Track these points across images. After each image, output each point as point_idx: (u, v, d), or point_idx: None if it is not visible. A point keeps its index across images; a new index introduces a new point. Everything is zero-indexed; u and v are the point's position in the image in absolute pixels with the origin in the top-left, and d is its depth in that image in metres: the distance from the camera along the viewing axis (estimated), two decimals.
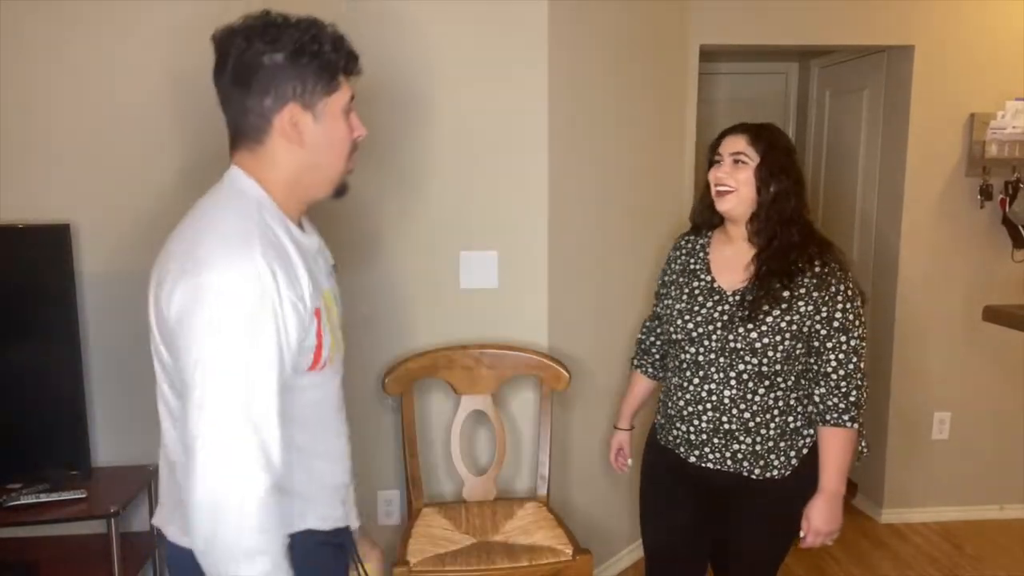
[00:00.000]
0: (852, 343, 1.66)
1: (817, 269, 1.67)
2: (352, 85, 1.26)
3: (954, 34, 3.02)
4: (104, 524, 1.99)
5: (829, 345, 1.66)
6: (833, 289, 1.66)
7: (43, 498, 2.00)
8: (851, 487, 3.54)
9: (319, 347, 1.19)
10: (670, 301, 1.82)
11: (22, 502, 1.98)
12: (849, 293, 1.66)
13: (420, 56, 2.26)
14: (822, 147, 3.82)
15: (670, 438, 1.83)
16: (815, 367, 1.69)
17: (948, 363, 3.22)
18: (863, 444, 1.77)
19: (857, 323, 1.67)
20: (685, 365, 1.76)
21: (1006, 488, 3.34)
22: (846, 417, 1.67)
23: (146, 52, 2.15)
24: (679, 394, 1.77)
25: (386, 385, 2.25)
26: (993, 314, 3.08)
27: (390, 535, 2.44)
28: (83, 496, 2.02)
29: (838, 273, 1.67)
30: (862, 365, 1.67)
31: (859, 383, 1.67)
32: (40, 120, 2.14)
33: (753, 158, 1.71)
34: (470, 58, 2.28)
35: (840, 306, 1.65)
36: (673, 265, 1.89)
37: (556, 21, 2.30)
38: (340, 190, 1.30)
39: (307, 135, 1.19)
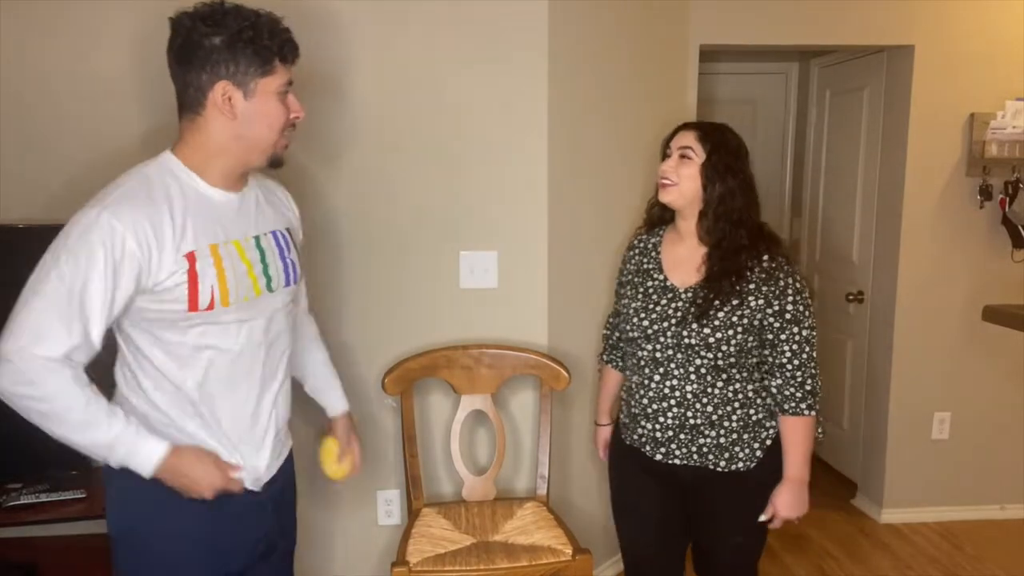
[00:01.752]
0: (804, 333, 1.72)
1: (765, 264, 1.72)
2: (289, 71, 1.43)
3: (954, 34, 3.02)
4: (104, 524, 1.98)
5: (783, 337, 1.72)
6: (782, 283, 1.71)
7: (43, 498, 2.00)
8: (851, 487, 3.55)
9: (192, 287, 1.34)
10: (626, 300, 1.86)
11: (22, 502, 1.98)
12: (797, 286, 1.72)
13: (420, 56, 2.27)
14: (822, 147, 3.82)
15: (635, 437, 1.85)
16: (770, 359, 1.74)
17: (948, 363, 3.22)
18: (820, 429, 1.82)
19: (807, 314, 1.73)
20: (644, 363, 1.79)
21: (1006, 488, 3.34)
22: (803, 406, 1.73)
23: (143, 53, 2.14)
24: (642, 392, 1.80)
25: (386, 385, 2.25)
26: (993, 314, 3.08)
27: (390, 535, 2.44)
28: (83, 496, 2.02)
29: (785, 267, 1.72)
30: (814, 354, 1.74)
31: (813, 372, 1.73)
32: (40, 120, 2.13)
33: (699, 154, 1.75)
34: (470, 58, 2.28)
35: (791, 298, 1.71)
36: (628, 265, 1.92)
37: (556, 21, 2.30)
38: (274, 162, 1.47)
39: (238, 109, 1.37)
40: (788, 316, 1.71)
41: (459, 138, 2.32)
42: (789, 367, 1.72)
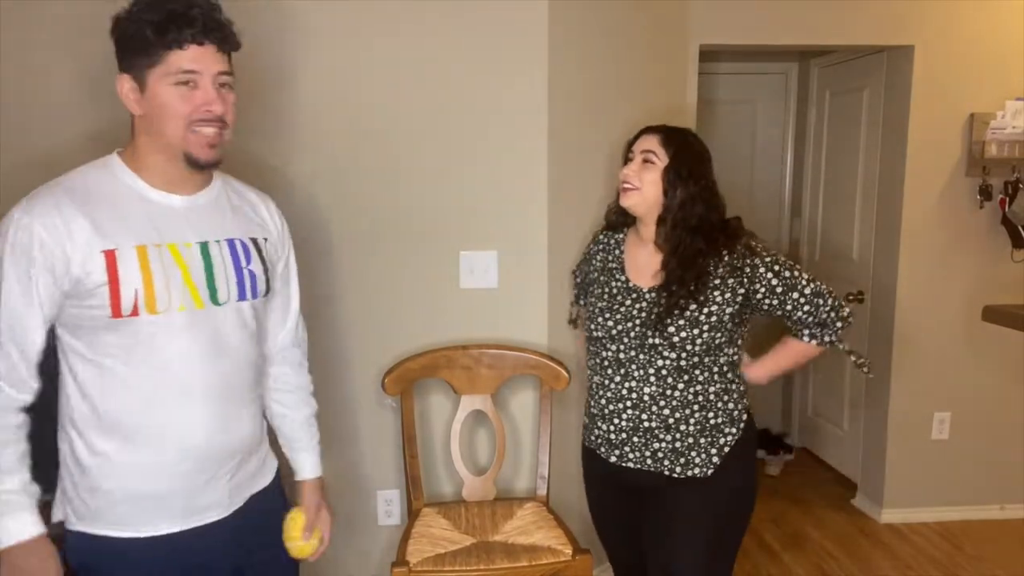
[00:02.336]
0: (808, 290, 1.72)
1: (726, 258, 1.71)
2: (192, 57, 1.28)
3: (954, 34, 3.02)
4: None
5: (789, 307, 1.72)
6: (749, 269, 1.70)
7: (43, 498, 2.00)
8: (851, 487, 3.55)
9: (113, 289, 1.25)
10: (593, 299, 1.85)
11: None
12: (768, 260, 1.71)
13: (420, 55, 2.27)
14: (822, 147, 3.82)
15: (592, 438, 1.85)
16: (798, 327, 1.77)
17: (948, 363, 3.22)
18: (862, 359, 1.87)
19: (797, 274, 1.72)
20: (607, 363, 1.78)
21: (1006, 488, 3.34)
22: (806, 332, 1.75)
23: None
24: (601, 392, 1.80)
25: (386, 385, 2.24)
26: (993, 314, 3.08)
27: (390, 535, 2.44)
28: None
29: (747, 253, 1.71)
30: (830, 300, 1.74)
31: (832, 315, 1.73)
32: (39, 120, 2.13)
33: (662, 159, 1.73)
34: (470, 58, 2.28)
35: (770, 274, 1.70)
36: (593, 262, 1.92)
37: (556, 21, 2.30)
38: (191, 161, 1.32)
39: (137, 103, 1.30)
40: (780, 289, 1.71)
41: (459, 138, 2.32)
42: (811, 319, 1.73)
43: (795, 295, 1.71)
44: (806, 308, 1.72)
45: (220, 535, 1.41)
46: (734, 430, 1.76)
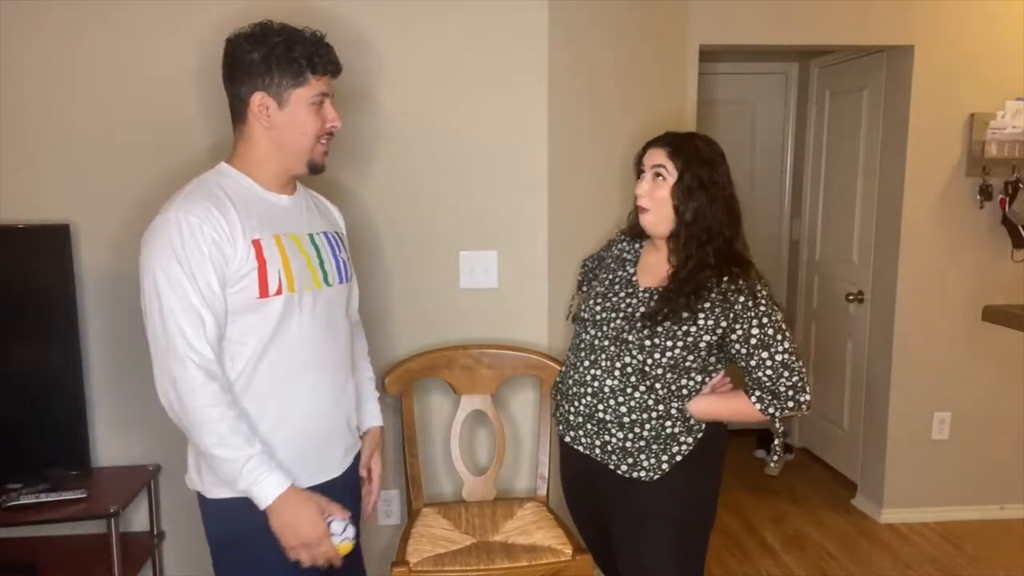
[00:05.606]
0: (778, 358, 1.64)
1: (723, 287, 1.64)
2: (325, 83, 1.54)
3: (954, 34, 3.03)
4: (104, 524, 1.99)
5: (753, 363, 1.66)
6: (738, 307, 1.63)
7: (43, 498, 2.00)
8: (851, 487, 3.55)
9: (262, 272, 1.44)
10: (595, 283, 1.87)
11: (22, 502, 1.98)
12: (761, 310, 1.63)
13: (420, 55, 2.27)
14: (822, 147, 3.83)
15: (557, 414, 1.88)
16: (752, 382, 1.70)
17: (948, 363, 3.23)
18: (778, 454, 1.78)
19: (779, 337, 1.64)
20: (583, 346, 1.80)
21: (1006, 488, 3.34)
22: (756, 393, 1.68)
23: (146, 52, 2.14)
24: (571, 373, 1.82)
25: (386, 385, 2.24)
26: (993, 314, 3.08)
27: (390, 535, 2.44)
28: (83, 496, 2.02)
29: (745, 291, 1.64)
30: (795, 379, 1.66)
31: (790, 388, 1.66)
32: (39, 120, 2.14)
33: (672, 173, 1.68)
34: (470, 58, 2.28)
35: (755, 323, 1.63)
36: (613, 250, 1.93)
37: (556, 21, 2.30)
38: (313, 167, 1.57)
39: (273, 118, 1.50)
40: (754, 342, 1.64)
41: (459, 138, 2.32)
42: (768, 384, 1.67)
43: (764, 355, 1.64)
44: (768, 372, 1.65)
45: (335, 492, 1.58)
46: (690, 440, 1.72)
